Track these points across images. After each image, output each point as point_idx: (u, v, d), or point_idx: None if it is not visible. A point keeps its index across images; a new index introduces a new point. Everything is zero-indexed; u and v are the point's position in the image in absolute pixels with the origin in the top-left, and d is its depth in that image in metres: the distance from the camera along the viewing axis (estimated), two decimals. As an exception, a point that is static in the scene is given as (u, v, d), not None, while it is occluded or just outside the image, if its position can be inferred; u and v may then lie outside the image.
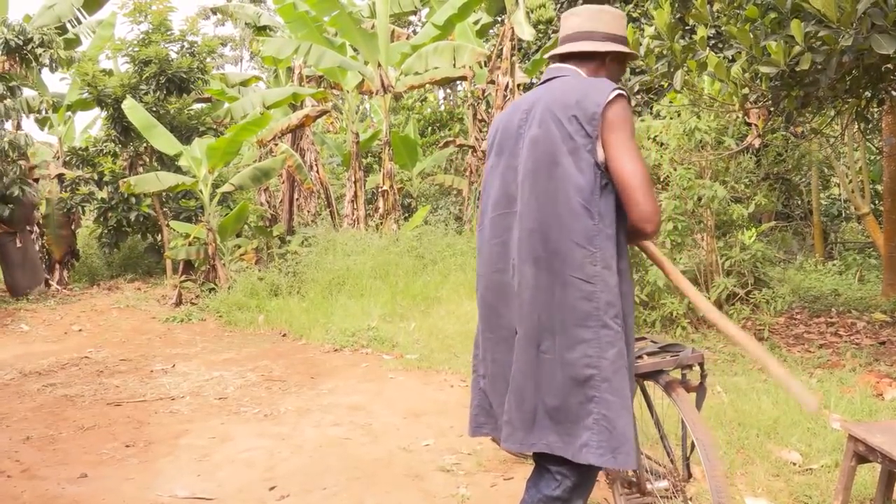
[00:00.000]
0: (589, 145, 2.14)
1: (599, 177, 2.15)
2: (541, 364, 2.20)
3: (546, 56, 2.36)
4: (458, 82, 15.68)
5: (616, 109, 2.16)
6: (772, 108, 5.67)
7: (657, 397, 2.74)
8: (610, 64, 2.41)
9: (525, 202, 2.26)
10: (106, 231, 11.61)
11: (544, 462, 2.27)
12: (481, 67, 11.98)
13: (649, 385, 2.70)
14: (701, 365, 2.59)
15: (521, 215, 2.27)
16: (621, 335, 2.15)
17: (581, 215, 2.14)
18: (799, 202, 11.72)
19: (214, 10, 14.62)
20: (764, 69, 4.41)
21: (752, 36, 4.48)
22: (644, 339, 2.86)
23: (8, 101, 9.19)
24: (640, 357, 2.50)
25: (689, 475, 2.64)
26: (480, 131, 12.58)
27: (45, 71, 10.28)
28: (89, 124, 16.47)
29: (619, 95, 2.18)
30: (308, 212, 12.50)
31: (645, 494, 2.60)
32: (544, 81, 2.40)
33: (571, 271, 2.15)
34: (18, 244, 9.96)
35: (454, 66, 10.35)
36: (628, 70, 10.92)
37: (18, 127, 10.75)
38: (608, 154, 2.14)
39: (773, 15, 4.46)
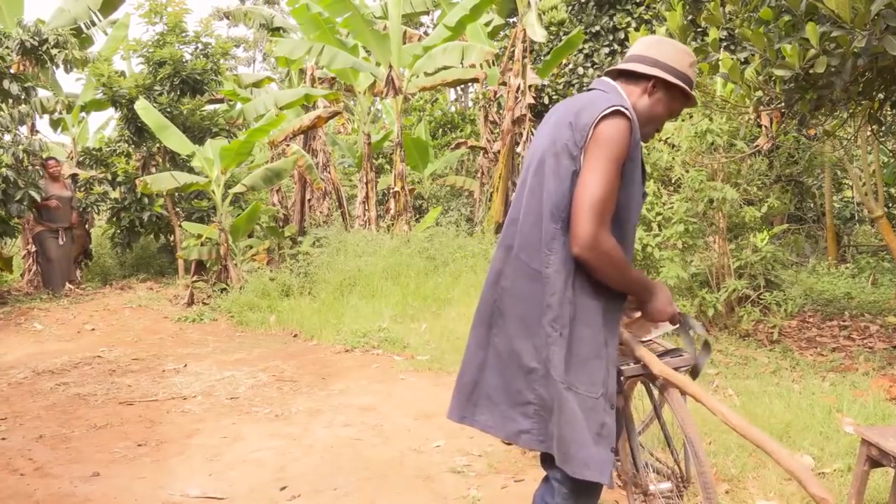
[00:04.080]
0: (574, 151, 2.18)
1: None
2: (489, 344, 2.34)
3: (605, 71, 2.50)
4: (469, 84, 15.68)
5: (607, 125, 2.16)
6: (784, 111, 5.64)
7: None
8: (655, 91, 2.38)
9: (517, 194, 2.39)
10: (119, 231, 11.65)
11: (546, 471, 2.38)
12: (490, 66, 11.97)
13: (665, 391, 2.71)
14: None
15: (512, 205, 2.42)
16: (561, 342, 2.19)
17: (548, 216, 2.22)
18: (812, 205, 11.65)
19: (226, 14, 14.67)
20: (778, 72, 4.39)
21: (766, 39, 4.46)
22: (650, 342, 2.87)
23: (23, 107, 9.24)
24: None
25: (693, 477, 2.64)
26: (492, 133, 12.57)
27: (59, 71, 10.32)
28: (102, 125, 16.56)
29: (615, 112, 2.17)
30: (320, 212, 12.52)
31: (647, 495, 2.61)
32: (588, 90, 2.45)
33: (535, 265, 2.25)
34: (62, 241, 10.05)
35: (461, 64, 10.35)
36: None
37: (33, 129, 10.82)
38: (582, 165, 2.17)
39: (787, 17, 4.44)
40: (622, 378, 2.53)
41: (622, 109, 2.18)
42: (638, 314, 2.52)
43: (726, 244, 6.75)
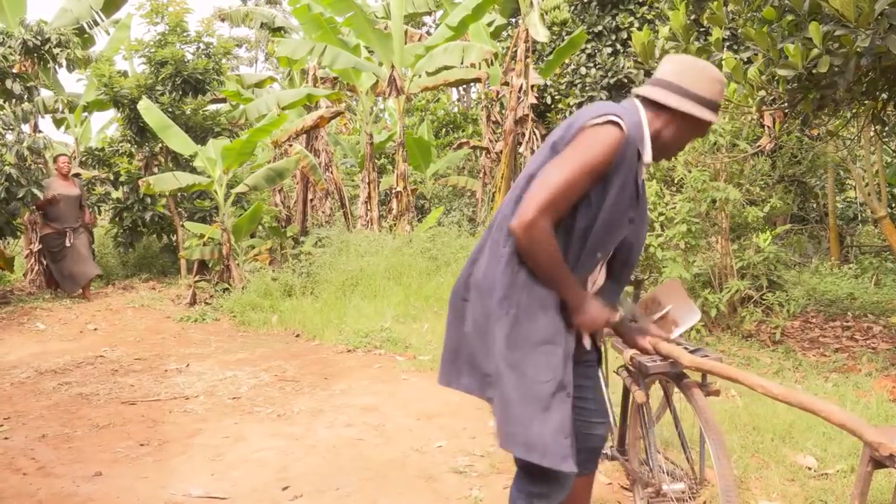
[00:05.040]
0: (559, 147, 2.24)
1: None
2: (464, 316, 2.40)
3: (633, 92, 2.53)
4: (472, 84, 15.69)
5: (591, 131, 2.18)
6: (787, 111, 5.64)
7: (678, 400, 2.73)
8: (681, 121, 2.31)
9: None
10: (121, 231, 11.65)
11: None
12: (489, 65, 11.97)
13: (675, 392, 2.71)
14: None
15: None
16: (506, 321, 2.24)
17: (516, 199, 2.28)
18: (814, 205, 11.64)
19: (223, 17, 14.67)
20: (781, 72, 4.38)
21: (769, 38, 4.46)
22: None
23: (26, 105, 9.23)
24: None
25: (704, 479, 2.64)
26: (494, 133, 12.57)
27: (62, 71, 10.35)
28: (105, 125, 16.57)
29: (606, 122, 2.17)
30: (322, 213, 12.53)
31: (660, 495, 2.61)
32: None
33: (497, 247, 2.31)
34: (69, 242, 9.89)
35: (461, 63, 10.35)
36: (641, 72, 10.89)
37: (36, 128, 10.81)
38: None
39: (790, 17, 4.43)
40: (647, 375, 2.55)
41: (616, 120, 2.16)
42: (659, 314, 2.54)
43: (729, 244, 6.74)
